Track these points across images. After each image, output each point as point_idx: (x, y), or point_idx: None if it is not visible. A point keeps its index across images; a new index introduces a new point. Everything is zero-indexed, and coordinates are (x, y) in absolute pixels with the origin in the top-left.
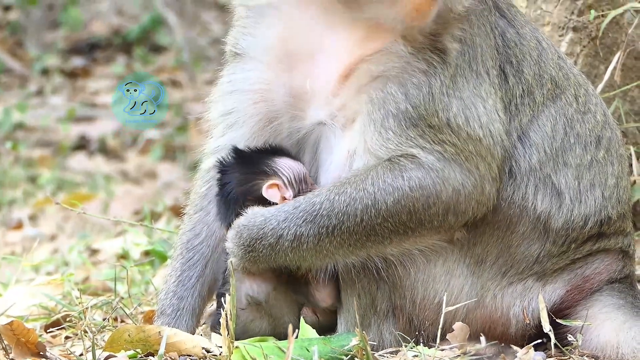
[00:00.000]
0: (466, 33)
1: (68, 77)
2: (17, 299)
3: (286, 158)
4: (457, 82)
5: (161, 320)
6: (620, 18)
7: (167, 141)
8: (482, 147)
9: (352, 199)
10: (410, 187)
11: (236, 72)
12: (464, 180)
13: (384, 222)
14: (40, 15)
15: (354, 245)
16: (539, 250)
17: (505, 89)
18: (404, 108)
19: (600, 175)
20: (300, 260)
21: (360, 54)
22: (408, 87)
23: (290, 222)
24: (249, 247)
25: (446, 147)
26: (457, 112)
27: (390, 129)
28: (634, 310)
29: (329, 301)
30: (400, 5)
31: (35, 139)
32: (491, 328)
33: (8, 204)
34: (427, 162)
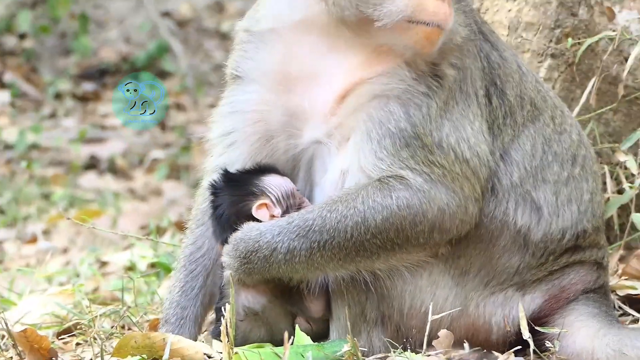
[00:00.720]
0: (460, 60)
1: (79, 101)
2: (31, 308)
3: (274, 176)
4: (448, 104)
5: (165, 328)
6: (595, 45)
7: (172, 161)
8: (468, 168)
9: (343, 216)
10: (398, 206)
11: (237, 94)
12: (449, 201)
13: (372, 238)
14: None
15: (343, 259)
16: (519, 262)
17: (489, 110)
18: (403, 126)
19: (576, 191)
20: (293, 273)
21: (361, 75)
22: (409, 107)
23: (284, 236)
24: (244, 259)
25: (434, 169)
26: (449, 133)
27: (384, 148)
28: (607, 318)
29: (321, 312)
30: (412, 33)
31: (49, 159)
32: (474, 335)
33: (23, 220)
34: (415, 184)
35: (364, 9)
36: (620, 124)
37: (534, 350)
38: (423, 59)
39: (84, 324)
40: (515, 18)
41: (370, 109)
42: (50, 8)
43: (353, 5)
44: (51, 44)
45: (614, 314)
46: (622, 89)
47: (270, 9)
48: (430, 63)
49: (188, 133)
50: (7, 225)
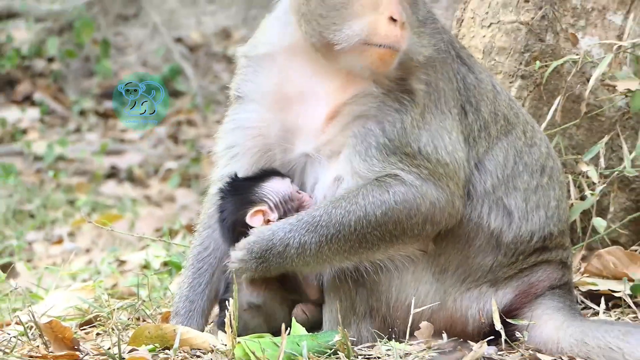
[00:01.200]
0: (431, 77)
1: (101, 118)
2: (56, 302)
3: (274, 180)
4: (425, 118)
5: (176, 320)
6: (560, 68)
7: (184, 171)
8: (449, 169)
9: (347, 211)
10: (395, 201)
11: (239, 113)
12: (439, 196)
13: (373, 230)
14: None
15: (348, 251)
16: (492, 261)
17: (465, 124)
18: (382, 141)
19: (544, 198)
20: (304, 266)
21: (342, 97)
22: (384, 124)
23: (295, 232)
24: (260, 258)
25: (421, 169)
26: (427, 142)
27: (374, 157)
28: (571, 312)
29: (317, 294)
30: (367, 55)
31: (74, 169)
32: (452, 326)
33: (51, 223)
34: (408, 180)
35: (326, 34)
36: (583, 138)
37: (506, 340)
38: (385, 76)
39: (103, 316)
40: (489, 43)
41: (354, 128)
42: (75, 35)
43: (317, 31)
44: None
45: (577, 308)
46: (584, 106)
47: (265, 37)
48: (397, 79)
49: (198, 146)
50: (36, 228)
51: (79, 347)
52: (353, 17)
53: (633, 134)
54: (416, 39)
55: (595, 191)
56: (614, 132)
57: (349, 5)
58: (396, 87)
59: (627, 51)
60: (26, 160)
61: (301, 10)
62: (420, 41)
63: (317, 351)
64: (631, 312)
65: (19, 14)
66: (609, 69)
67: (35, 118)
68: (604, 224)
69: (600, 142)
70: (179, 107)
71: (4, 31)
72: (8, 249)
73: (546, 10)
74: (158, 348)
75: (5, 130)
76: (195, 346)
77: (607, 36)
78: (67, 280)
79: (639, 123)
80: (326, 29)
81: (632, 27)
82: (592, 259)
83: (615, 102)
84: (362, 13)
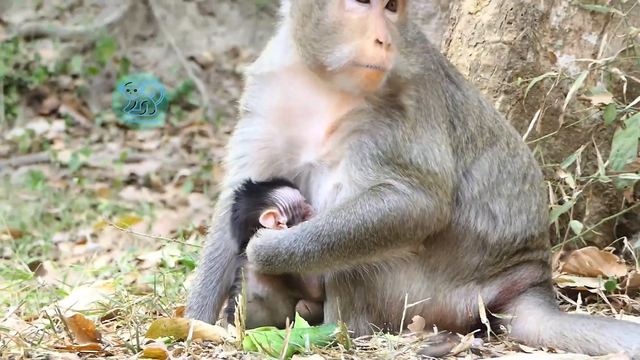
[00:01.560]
0: (421, 94)
1: (121, 129)
2: (80, 298)
3: (285, 188)
4: (417, 132)
5: (189, 314)
6: (540, 84)
7: (196, 177)
8: (438, 179)
9: (347, 220)
10: (390, 208)
11: (246, 126)
12: (428, 203)
13: (370, 237)
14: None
15: (347, 256)
16: (479, 261)
17: (454, 136)
18: (376, 152)
19: (526, 203)
20: (307, 270)
21: (339, 114)
22: (377, 138)
23: (299, 242)
24: (266, 262)
25: (413, 179)
26: (418, 154)
27: (369, 167)
28: (550, 307)
29: (318, 292)
30: (356, 74)
31: (96, 176)
32: (442, 320)
33: (75, 225)
34: (400, 189)
35: (320, 57)
36: (561, 148)
37: (491, 333)
38: (375, 94)
39: (123, 311)
40: (475, 61)
41: (350, 141)
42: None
43: (311, 54)
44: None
45: (556, 303)
46: (562, 119)
47: (269, 57)
48: (386, 95)
49: (209, 155)
50: (62, 229)
51: (101, 339)
52: (343, 41)
53: (607, 144)
54: (403, 58)
55: (572, 196)
56: (589, 143)
57: (339, 30)
58: (387, 104)
59: (601, 68)
60: (53, 168)
61: (297, 35)
62: (408, 60)
63: (318, 343)
64: (605, 307)
65: (46, 34)
66: (585, 84)
67: (61, 129)
68: (580, 226)
69: (577, 152)
70: (192, 120)
71: (32, 50)
72: (36, 249)
73: (527, 31)
74: (173, 340)
75: (33, 141)
76: (207, 338)
77: (582, 55)
78: (90, 278)
79: (612, 134)
80: (319, 52)
81: (605, 46)
82: (569, 258)
83: (591, 115)
84: (351, 37)
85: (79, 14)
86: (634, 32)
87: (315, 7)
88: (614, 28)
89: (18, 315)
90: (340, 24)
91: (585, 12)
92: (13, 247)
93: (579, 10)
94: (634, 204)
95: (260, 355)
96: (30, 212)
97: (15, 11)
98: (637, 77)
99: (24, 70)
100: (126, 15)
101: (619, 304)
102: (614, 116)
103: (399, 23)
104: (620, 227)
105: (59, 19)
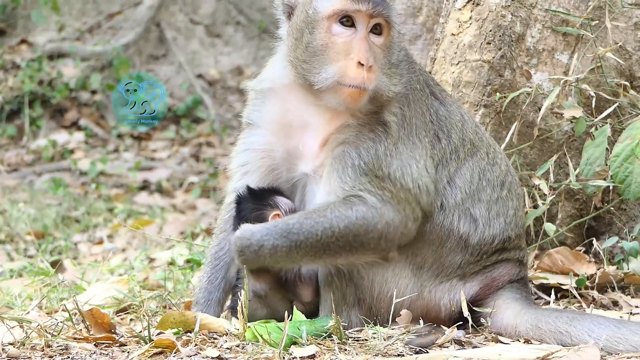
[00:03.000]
0: (404, 112)
1: (136, 140)
2: (97, 293)
3: (281, 196)
4: (398, 147)
5: (196, 308)
6: (517, 98)
7: (204, 184)
8: (410, 195)
9: (316, 222)
10: (356, 217)
11: (249, 137)
12: (394, 217)
13: (336, 240)
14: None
15: (314, 256)
16: (461, 260)
17: (439, 148)
18: (357, 163)
19: (503, 208)
20: (276, 263)
21: (329, 129)
22: (360, 150)
23: (270, 236)
24: (240, 252)
25: (385, 192)
26: (396, 169)
27: (348, 175)
28: (526, 302)
29: (310, 297)
30: (340, 93)
31: (112, 182)
32: (427, 313)
33: (93, 227)
34: (370, 202)
35: (308, 77)
36: (535, 157)
37: (472, 325)
38: (359, 111)
39: (135, 305)
40: (458, 78)
41: (337, 152)
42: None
43: (301, 74)
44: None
45: (531, 298)
46: (536, 130)
47: (269, 74)
48: (370, 112)
49: (215, 163)
50: (81, 231)
51: (115, 331)
52: (329, 62)
53: (577, 154)
54: (386, 79)
55: (546, 201)
56: (561, 152)
57: (326, 53)
58: (371, 120)
59: (572, 85)
60: (73, 175)
61: (290, 57)
62: (390, 81)
63: (314, 334)
64: (577, 302)
65: (68, 54)
66: (557, 99)
67: (80, 140)
68: (553, 228)
69: (550, 160)
70: (200, 132)
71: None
72: (57, 248)
73: (505, 50)
74: (181, 331)
75: (56, 150)
76: (213, 330)
77: (555, 72)
78: (106, 275)
79: (582, 144)
80: (308, 72)
81: (576, 64)
82: (543, 257)
83: (562, 127)
84: (336, 59)
85: (98, 35)
86: (602, 52)
87: (306, 31)
88: (584, 48)
89: (40, 308)
90: (327, 47)
91: (558, 34)
92: (36, 247)
93: (552, 32)
94: (602, 208)
95: (261, 346)
96: (52, 215)
97: (39, 33)
98: (605, 92)
99: (47, 87)
100: (140, 37)
101: (588, 299)
102: (584, 128)
103: (383, 46)
104: (590, 229)
105: (79, 39)
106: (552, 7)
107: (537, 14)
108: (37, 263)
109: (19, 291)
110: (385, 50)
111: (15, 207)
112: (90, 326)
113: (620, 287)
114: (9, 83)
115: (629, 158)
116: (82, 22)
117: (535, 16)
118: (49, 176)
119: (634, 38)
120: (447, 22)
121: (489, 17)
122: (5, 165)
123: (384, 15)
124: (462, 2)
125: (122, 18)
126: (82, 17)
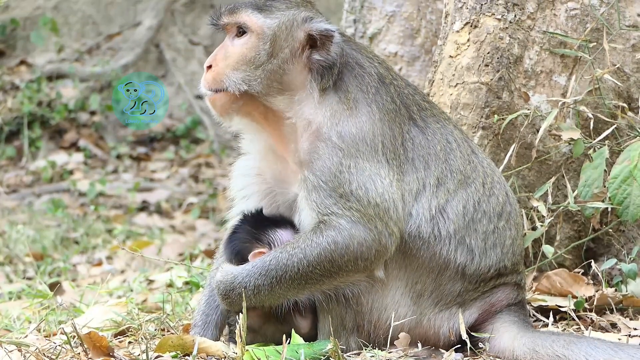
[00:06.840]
0: (364, 125)
1: (135, 161)
2: (95, 315)
3: (287, 230)
4: (359, 164)
5: (194, 331)
6: (515, 120)
7: (203, 205)
8: (380, 210)
9: (290, 255)
10: (328, 243)
11: (244, 161)
12: (366, 236)
13: (313, 269)
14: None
15: (297, 287)
16: (460, 288)
17: (417, 176)
18: (317, 184)
19: (500, 238)
20: (261, 302)
21: (287, 152)
22: (314, 169)
23: (250, 277)
24: (224, 295)
25: (353, 212)
26: (358, 187)
27: (313, 201)
28: (524, 324)
29: (307, 328)
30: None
31: (112, 203)
32: (425, 342)
33: (92, 248)
34: (338, 225)
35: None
36: (534, 179)
37: (471, 349)
38: (290, 126)
39: (134, 327)
40: (456, 100)
41: (300, 175)
42: (113, 92)
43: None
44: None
45: (529, 321)
46: (534, 152)
47: None
48: (314, 131)
49: (215, 184)
50: (80, 252)
51: (114, 354)
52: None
53: (575, 175)
54: (247, 74)
55: (544, 223)
56: (559, 174)
57: None
58: (319, 135)
59: (570, 107)
60: (72, 196)
61: None
62: (253, 74)
63: (313, 358)
64: (575, 324)
65: (67, 75)
66: (555, 121)
67: (80, 161)
68: (551, 250)
69: (548, 182)
70: (199, 152)
71: (54, 89)
72: (56, 270)
73: (502, 72)
74: (180, 354)
75: (55, 171)
76: (211, 353)
77: (553, 94)
78: (105, 297)
79: (580, 166)
80: None
81: (574, 86)
82: (542, 279)
83: (561, 148)
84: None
85: (97, 56)
86: (600, 74)
87: None
88: (582, 70)
89: (38, 331)
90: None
91: (555, 56)
92: (35, 268)
93: (550, 54)
94: (601, 230)
95: None
96: (51, 237)
97: (39, 54)
98: (603, 114)
99: (46, 108)
100: (140, 58)
101: (587, 322)
102: (582, 150)
103: (243, 46)
104: (588, 251)
105: (78, 61)
106: (550, 29)
107: (534, 36)
108: (35, 285)
109: (17, 313)
110: (250, 50)
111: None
112: (88, 349)
113: (619, 309)
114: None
115: (627, 180)
116: (81, 43)
117: (533, 38)
118: (48, 197)
119: (631, 60)
120: (445, 44)
121: (486, 39)
122: (5, 187)
123: (232, 22)
124: (460, 24)
125: (121, 39)
126: (82, 38)
